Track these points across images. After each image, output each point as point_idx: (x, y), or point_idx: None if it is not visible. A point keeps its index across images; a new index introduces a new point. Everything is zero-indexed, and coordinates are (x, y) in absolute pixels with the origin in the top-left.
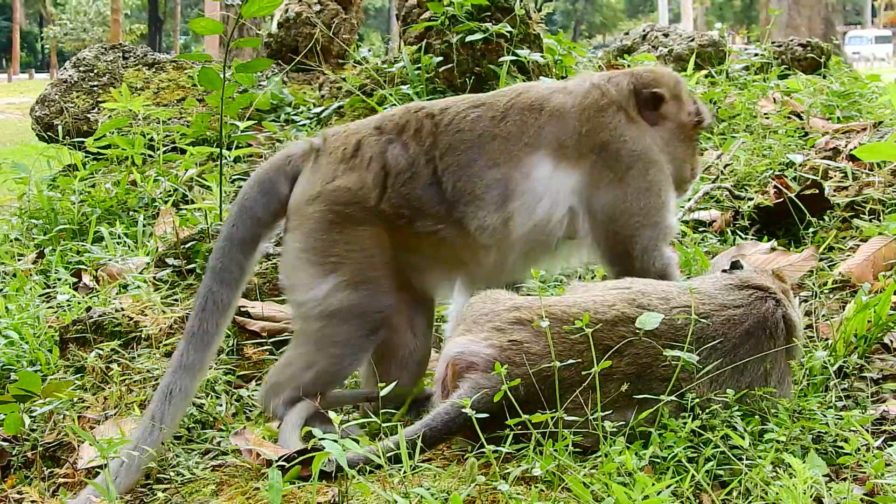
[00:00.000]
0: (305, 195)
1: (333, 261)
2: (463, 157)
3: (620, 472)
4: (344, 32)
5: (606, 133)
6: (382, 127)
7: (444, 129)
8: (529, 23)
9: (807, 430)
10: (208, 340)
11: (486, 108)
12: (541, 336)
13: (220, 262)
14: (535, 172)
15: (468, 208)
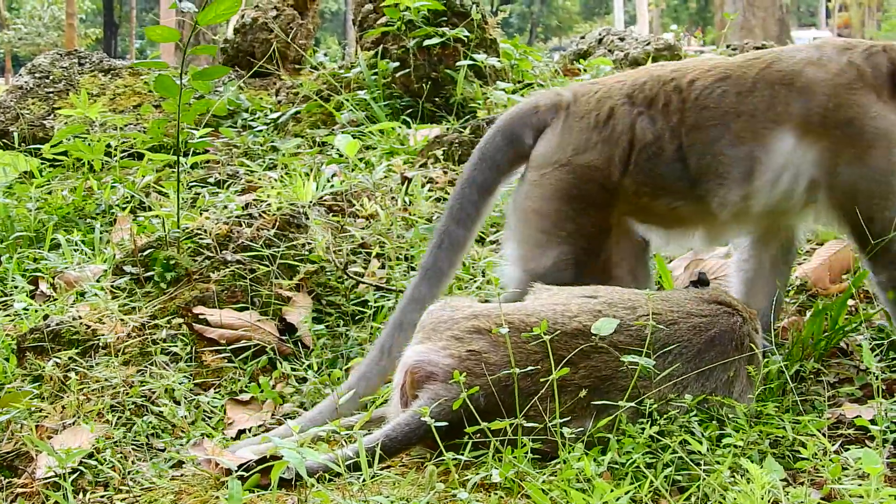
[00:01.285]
0: (553, 157)
1: (563, 235)
2: (707, 135)
3: (579, 478)
4: (300, 38)
5: (854, 110)
6: (634, 97)
7: (692, 104)
8: (486, 27)
9: (764, 434)
10: (441, 276)
11: (732, 83)
12: (499, 345)
13: (459, 203)
14: (778, 147)
15: (710, 185)
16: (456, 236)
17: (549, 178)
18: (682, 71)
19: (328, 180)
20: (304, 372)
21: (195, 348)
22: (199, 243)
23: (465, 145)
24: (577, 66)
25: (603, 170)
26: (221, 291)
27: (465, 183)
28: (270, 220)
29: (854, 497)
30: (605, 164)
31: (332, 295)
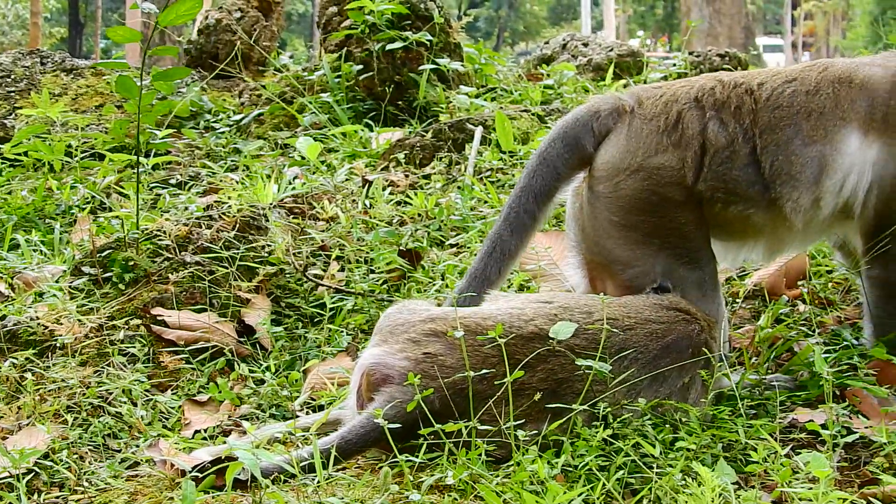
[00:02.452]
0: (623, 163)
1: (657, 242)
2: (781, 136)
3: (533, 480)
4: (264, 39)
5: None
6: (702, 101)
7: (764, 105)
8: (450, 31)
9: (717, 438)
10: (488, 286)
11: (798, 83)
12: (455, 348)
13: (514, 211)
14: (845, 147)
15: (784, 189)
16: (508, 245)
17: (623, 187)
18: (749, 75)
19: (289, 182)
20: (262, 374)
21: (153, 349)
22: (158, 244)
23: (426, 149)
24: (541, 72)
25: (678, 171)
26: (180, 293)
27: (522, 190)
28: (230, 222)
29: (803, 500)
30: (679, 166)
31: (291, 297)
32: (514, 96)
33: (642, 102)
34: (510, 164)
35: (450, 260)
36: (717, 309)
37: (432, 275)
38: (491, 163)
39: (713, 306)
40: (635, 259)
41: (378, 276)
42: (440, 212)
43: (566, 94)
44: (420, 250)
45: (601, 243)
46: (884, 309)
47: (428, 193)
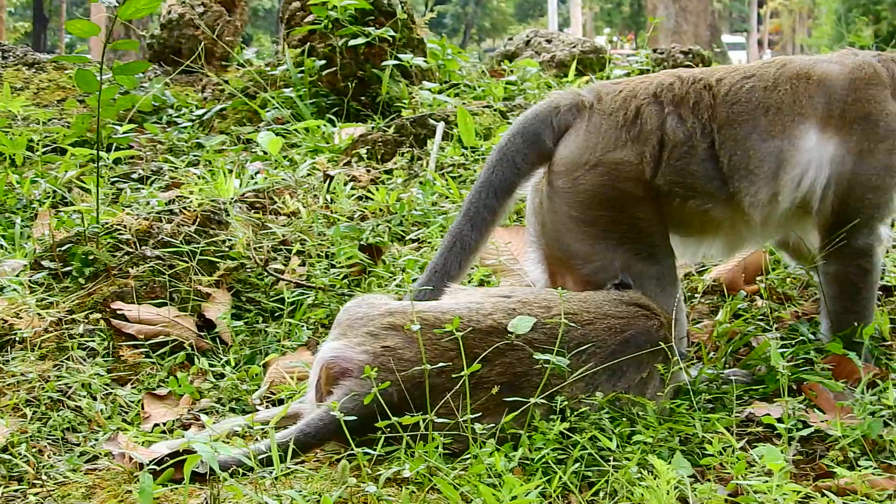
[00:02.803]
0: (582, 158)
1: (616, 237)
2: (740, 131)
3: (490, 473)
4: (228, 34)
5: (872, 105)
6: (661, 96)
7: (722, 100)
8: (413, 27)
9: (674, 432)
10: (449, 279)
11: (757, 79)
12: (414, 342)
13: (474, 206)
14: (803, 143)
15: (742, 183)
16: (468, 240)
17: (581, 182)
18: (707, 71)
19: (251, 177)
20: (222, 368)
21: (113, 343)
22: (118, 239)
23: (389, 144)
24: (504, 68)
25: (636, 166)
26: (140, 287)
27: (482, 185)
28: (191, 217)
29: (758, 493)
30: (638, 161)
31: (251, 291)
32: (477, 92)
33: (601, 98)
34: (472, 160)
35: (411, 255)
36: (676, 304)
37: (393, 270)
38: (453, 158)
39: (672, 301)
40: (594, 254)
41: (339, 270)
42: (401, 207)
43: (529, 90)
44: (381, 245)
45: (560, 238)
46: (841, 304)
47: (389, 189)
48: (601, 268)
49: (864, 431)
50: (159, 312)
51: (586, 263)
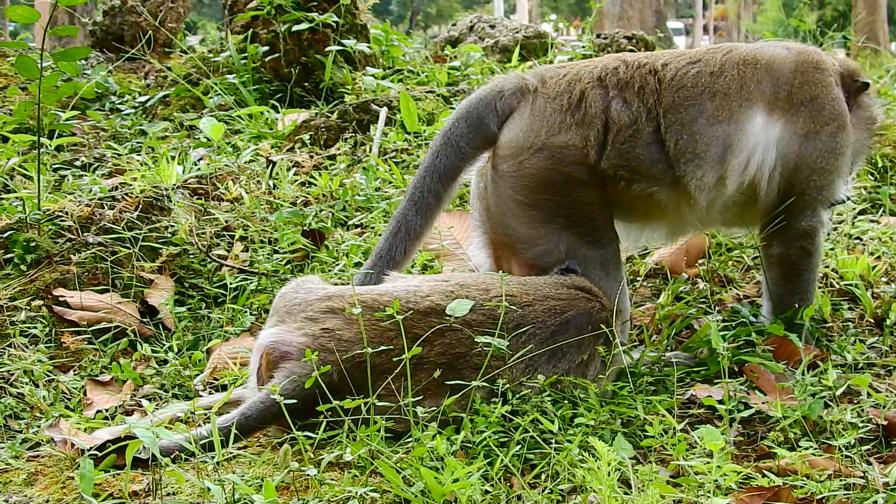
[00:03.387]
0: (527, 141)
1: (561, 221)
2: (686, 115)
3: (432, 456)
4: (170, 21)
5: (818, 89)
6: (605, 80)
7: (668, 85)
8: (356, 13)
9: (616, 414)
10: (394, 265)
11: (703, 64)
12: (353, 323)
13: (419, 191)
14: (750, 127)
15: (688, 167)
16: (413, 225)
17: (527, 166)
18: (653, 56)
19: (194, 164)
20: (165, 354)
21: (55, 330)
22: (60, 226)
23: (332, 130)
24: (447, 53)
25: (581, 149)
26: (82, 273)
27: (426, 170)
28: (134, 203)
29: (699, 473)
30: (582, 144)
31: (194, 277)
32: (421, 78)
33: (546, 82)
34: (415, 145)
35: (354, 240)
36: (620, 287)
37: (336, 255)
38: (396, 144)
39: (616, 285)
40: (539, 238)
41: (282, 256)
42: (344, 192)
43: (472, 75)
44: (324, 230)
45: (505, 222)
46: (784, 286)
47: (332, 174)
48: (546, 251)
49: (805, 412)
50: (101, 299)
51: (531, 247)
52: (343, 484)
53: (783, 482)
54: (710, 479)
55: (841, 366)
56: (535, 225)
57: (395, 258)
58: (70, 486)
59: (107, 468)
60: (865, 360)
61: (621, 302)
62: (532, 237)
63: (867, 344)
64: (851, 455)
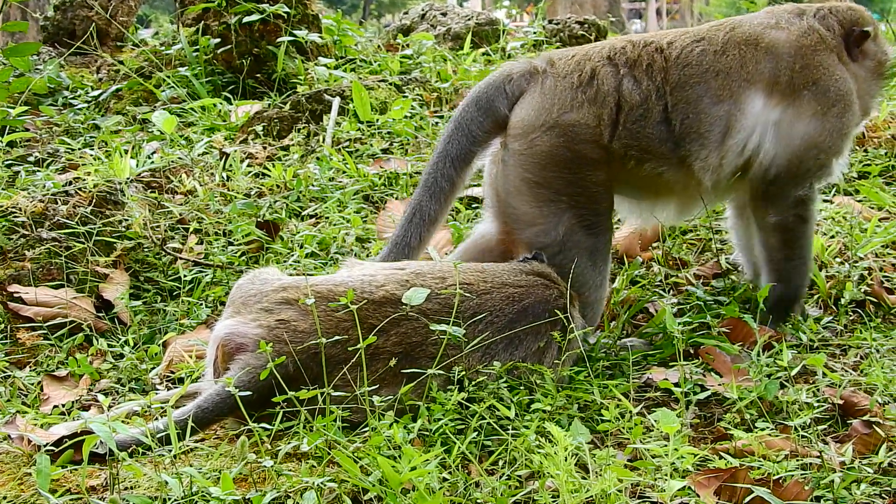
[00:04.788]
0: (538, 120)
1: (566, 200)
2: (691, 93)
3: (389, 445)
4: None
5: (820, 72)
6: (615, 59)
7: (674, 62)
8: (308, 3)
9: (572, 399)
10: (410, 252)
11: (707, 42)
12: (308, 314)
13: (433, 177)
14: (749, 108)
15: (693, 146)
16: (428, 210)
17: (538, 143)
18: (658, 35)
19: (148, 157)
20: (121, 348)
21: (10, 326)
22: (13, 221)
23: (285, 120)
24: (399, 42)
25: (593, 128)
26: (37, 269)
27: (439, 156)
28: (87, 198)
29: (656, 456)
30: (595, 122)
31: (149, 271)
32: (373, 67)
33: (554, 63)
34: (368, 134)
35: (308, 230)
36: (602, 280)
37: (291, 245)
38: (349, 133)
39: (598, 278)
40: (539, 217)
41: (237, 247)
42: (298, 183)
43: (425, 63)
44: (278, 221)
45: (509, 201)
46: (782, 252)
47: (286, 165)
48: (543, 231)
49: (761, 393)
50: (56, 294)
51: (529, 227)
52: (300, 474)
53: (740, 463)
54: (667, 462)
55: (796, 346)
56: (539, 204)
57: (410, 244)
58: (27, 482)
59: (64, 464)
60: (820, 340)
61: (597, 292)
62: (533, 216)
63: (822, 324)
64: (807, 435)
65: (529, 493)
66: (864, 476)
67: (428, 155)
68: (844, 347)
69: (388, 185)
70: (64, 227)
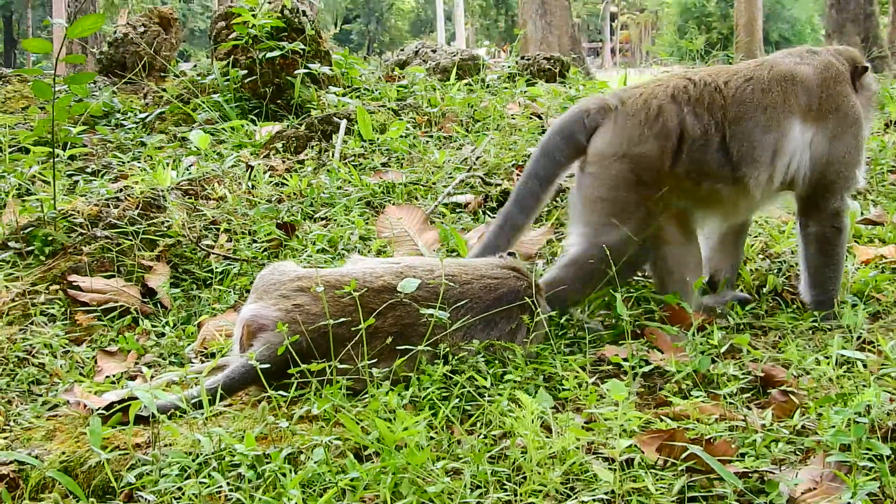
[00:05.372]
0: (610, 150)
1: (625, 216)
2: (746, 126)
3: (385, 409)
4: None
5: (840, 99)
6: (678, 98)
7: (731, 100)
8: (320, 41)
9: (539, 372)
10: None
11: (755, 81)
12: (319, 300)
13: (521, 193)
14: (791, 133)
15: (748, 169)
16: (516, 220)
17: (610, 169)
18: (713, 75)
19: (186, 169)
20: (163, 328)
21: (70, 310)
22: (73, 222)
23: (301, 139)
24: (396, 74)
25: (656, 159)
26: (92, 262)
27: (527, 176)
28: (135, 202)
29: (608, 419)
30: (658, 154)
31: (186, 264)
32: (374, 94)
33: (625, 101)
34: (370, 151)
35: (319, 230)
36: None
37: (305, 243)
38: (354, 149)
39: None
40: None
41: (260, 245)
42: (312, 191)
43: (417, 91)
44: (294, 223)
45: (583, 212)
46: (819, 259)
47: (302, 176)
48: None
49: (695, 367)
50: (108, 283)
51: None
52: (311, 433)
53: (678, 426)
54: (617, 424)
55: (725, 328)
56: (607, 217)
57: (500, 247)
58: (83, 440)
59: (113, 425)
60: (746, 323)
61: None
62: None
63: (746, 309)
64: (734, 402)
65: (502, 450)
66: (781, 437)
67: (419, 168)
68: (765, 329)
69: (386, 193)
70: (115, 227)
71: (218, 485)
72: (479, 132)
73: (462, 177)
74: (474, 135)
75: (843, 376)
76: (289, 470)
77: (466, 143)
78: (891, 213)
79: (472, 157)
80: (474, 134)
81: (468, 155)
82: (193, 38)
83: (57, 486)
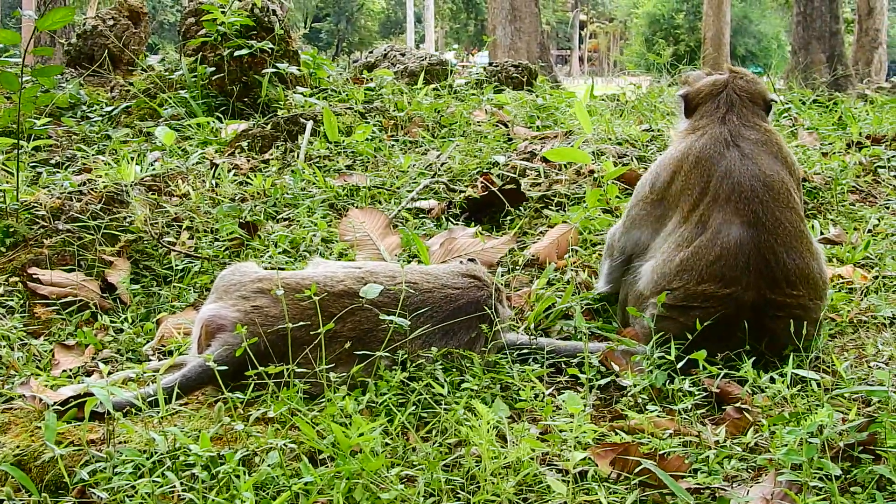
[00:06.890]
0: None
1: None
2: None
3: (342, 414)
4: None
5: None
6: None
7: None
8: (289, 41)
9: (496, 381)
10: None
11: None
12: (279, 302)
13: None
14: None
15: None
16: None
17: None
18: None
19: (150, 164)
20: (121, 324)
21: (29, 302)
22: (35, 214)
23: (266, 138)
24: (364, 76)
25: None
26: (53, 255)
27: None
28: (98, 196)
29: (563, 431)
30: None
31: (147, 260)
32: (342, 96)
33: None
34: (335, 153)
35: (282, 231)
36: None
37: (267, 243)
38: (319, 151)
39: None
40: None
41: (222, 243)
42: (275, 191)
43: (385, 94)
44: (257, 223)
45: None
46: None
47: (266, 175)
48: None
49: (652, 382)
50: (68, 277)
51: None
52: (267, 436)
53: (632, 439)
54: (572, 436)
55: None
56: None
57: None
58: (37, 434)
59: (69, 420)
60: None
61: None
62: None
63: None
64: (689, 417)
65: (457, 458)
66: (734, 453)
67: (384, 172)
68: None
69: (350, 196)
70: (77, 221)
71: (171, 484)
72: (444, 138)
73: (426, 182)
74: (440, 140)
75: (798, 395)
76: (243, 472)
77: (432, 148)
78: (849, 233)
79: (436, 163)
80: (440, 140)
81: (433, 160)
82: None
83: (9, 480)
